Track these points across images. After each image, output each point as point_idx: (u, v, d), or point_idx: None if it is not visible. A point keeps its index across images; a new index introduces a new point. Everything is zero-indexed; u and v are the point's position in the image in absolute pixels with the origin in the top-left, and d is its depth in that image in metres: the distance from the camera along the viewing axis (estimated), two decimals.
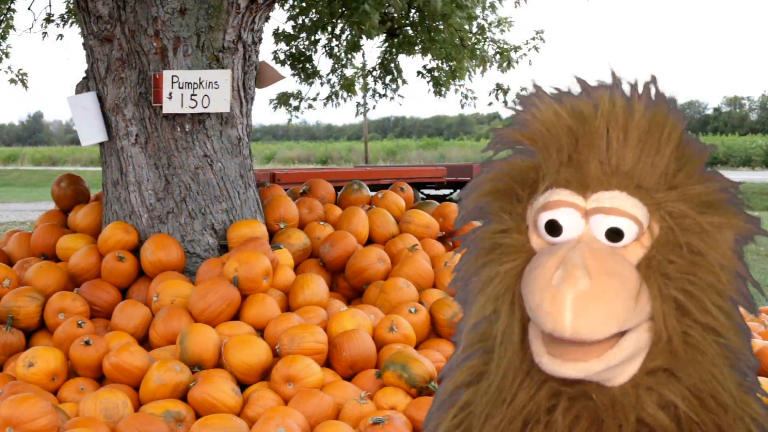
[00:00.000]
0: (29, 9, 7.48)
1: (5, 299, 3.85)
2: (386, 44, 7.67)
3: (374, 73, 8.20)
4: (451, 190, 13.56)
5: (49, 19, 7.81)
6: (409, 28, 7.23)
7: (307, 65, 7.83)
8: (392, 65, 7.96)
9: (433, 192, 13.43)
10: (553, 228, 1.06)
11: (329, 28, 7.60)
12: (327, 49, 7.86)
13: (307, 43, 7.72)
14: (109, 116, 4.31)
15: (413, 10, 6.98)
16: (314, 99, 8.45)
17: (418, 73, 7.99)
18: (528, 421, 1.08)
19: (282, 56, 7.75)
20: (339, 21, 7.43)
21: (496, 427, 1.10)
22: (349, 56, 7.95)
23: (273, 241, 4.32)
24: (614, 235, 1.03)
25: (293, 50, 7.76)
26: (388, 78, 8.11)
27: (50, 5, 8.08)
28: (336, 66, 8.07)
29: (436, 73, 7.83)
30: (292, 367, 3.24)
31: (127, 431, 2.84)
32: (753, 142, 35.43)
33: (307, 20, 7.45)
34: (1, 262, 4.30)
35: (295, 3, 7.45)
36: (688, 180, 1.06)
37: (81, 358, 3.43)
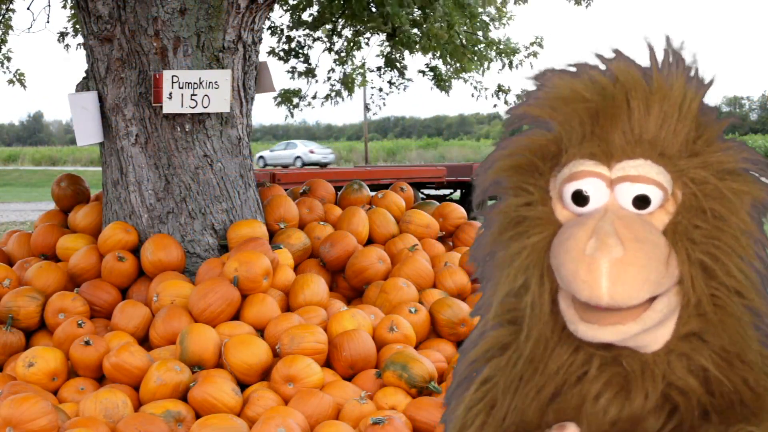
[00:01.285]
0: (28, 9, 7.47)
1: (5, 299, 3.85)
2: (387, 43, 7.67)
3: (377, 72, 8.20)
4: (451, 190, 13.55)
5: (64, 34, 7.85)
6: (409, 27, 7.22)
7: (299, 59, 7.83)
8: (396, 59, 7.94)
9: (433, 192, 13.42)
10: (579, 198, 1.08)
11: (329, 25, 7.59)
12: (328, 45, 7.85)
13: (304, 35, 7.72)
14: (109, 116, 4.31)
15: (416, 9, 6.97)
16: (314, 97, 8.46)
17: (420, 71, 7.99)
18: (558, 389, 1.11)
19: (281, 53, 7.75)
20: (339, 19, 7.42)
21: (526, 396, 1.13)
22: (351, 54, 7.95)
23: (273, 241, 4.31)
24: (641, 202, 1.05)
25: (290, 45, 7.76)
26: (393, 75, 8.13)
27: (49, 5, 8.06)
28: (336, 64, 8.07)
29: (438, 69, 7.83)
30: (292, 367, 3.24)
31: (127, 431, 2.84)
32: (753, 142, 35.43)
33: (307, 17, 7.45)
34: (1, 262, 4.30)
35: (296, 2, 7.45)
36: (708, 147, 1.08)
37: (81, 358, 3.43)
